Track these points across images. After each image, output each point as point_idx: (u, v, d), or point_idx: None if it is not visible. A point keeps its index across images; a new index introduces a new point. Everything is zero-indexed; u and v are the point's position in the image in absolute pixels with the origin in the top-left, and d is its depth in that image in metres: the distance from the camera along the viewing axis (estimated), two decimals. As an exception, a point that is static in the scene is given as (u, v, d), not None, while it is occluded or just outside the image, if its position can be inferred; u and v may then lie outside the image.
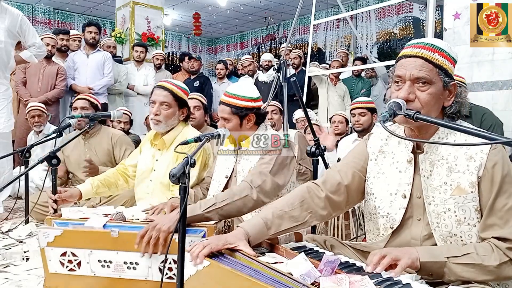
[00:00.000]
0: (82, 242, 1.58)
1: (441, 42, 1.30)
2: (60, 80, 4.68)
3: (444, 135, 1.30)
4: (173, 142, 2.27)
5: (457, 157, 1.26)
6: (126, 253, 1.54)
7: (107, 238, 1.55)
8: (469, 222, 1.23)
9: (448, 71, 1.27)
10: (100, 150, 3.16)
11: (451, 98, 1.30)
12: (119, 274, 1.56)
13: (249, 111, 1.97)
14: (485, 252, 1.18)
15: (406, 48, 1.32)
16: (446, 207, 1.25)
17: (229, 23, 11.71)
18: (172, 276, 1.50)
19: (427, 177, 1.30)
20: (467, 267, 1.17)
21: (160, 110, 2.23)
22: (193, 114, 3.18)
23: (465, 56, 3.65)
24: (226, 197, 1.70)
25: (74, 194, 2.11)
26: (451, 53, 1.29)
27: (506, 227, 1.18)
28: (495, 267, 1.16)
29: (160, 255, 1.52)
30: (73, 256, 1.59)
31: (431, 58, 1.26)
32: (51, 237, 1.58)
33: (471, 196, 1.23)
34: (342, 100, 5.52)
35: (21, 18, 3.26)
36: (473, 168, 1.23)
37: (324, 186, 1.42)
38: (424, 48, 1.27)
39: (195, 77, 5.87)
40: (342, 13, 5.93)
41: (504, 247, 1.18)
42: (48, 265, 1.62)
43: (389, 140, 1.42)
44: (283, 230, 1.35)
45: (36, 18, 10.18)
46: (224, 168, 2.07)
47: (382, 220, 1.38)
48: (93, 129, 3.18)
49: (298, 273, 1.09)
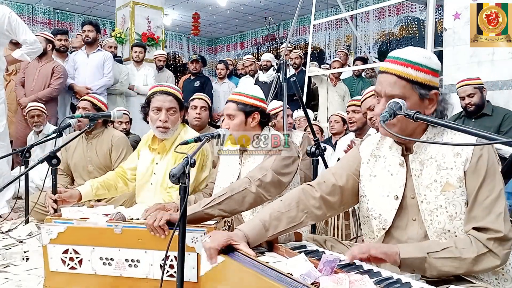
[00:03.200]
0: (85, 239, 1.59)
1: (417, 53, 1.30)
2: (55, 78, 4.54)
3: (432, 135, 1.32)
4: (173, 145, 2.26)
5: (445, 155, 1.28)
6: (129, 250, 1.56)
7: (110, 235, 1.56)
8: (460, 216, 1.25)
9: (424, 83, 1.28)
10: (101, 152, 3.16)
11: (432, 106, 1.31)
12: (120, 272, 1.57)
13: (254, 109, 1.98)
14: (464, 245, 1.19)
15: (385, 61, 1.34)
16: (437, 203, 1.27)
17: (229, 23, 11.71)
18: (173, 274, 1.50)
19: (418, 176, 1.32)
20: (446, 261, 1.19)
21: (168, 116, 2.19)
22: (199, 114, 3.19)
23: (465, 56, 3.66)
24: (225, 192, 1.71)
25: (74, 195, 2.11)
26: (428, 64, 1.28)
27: (488, 217, 1.20)
28: (473, 259, 1.18)
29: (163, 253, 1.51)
30: (75, 253, 1.60)
31: (403, 75, 1.27)
32: (54, 234, 1.59)
33: (459, 191, 1.25)
34: (343, 100, 5.52)
35: (9, 15, 3.15)
36: (460, 163, 1.25)
37: (319, 187, 1.45)
38: (397, 63, 1.29)
39: (196, 77, 5.87)
40: (342, 13, 5.93)
41: (484, 238, 1.19)
42: (49, 263, 1.63)
43: (381, 145, 1.45)
44: (280, 231, 1.37)
45: (36, 18, 10.18)
46: (229, 174, 2.06)
47: (375, 221, 1.40)
48: (97, 130, 3.19)
49: (298, 273, 1.09)
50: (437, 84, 1.32)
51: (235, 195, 1.71)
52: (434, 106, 1.31)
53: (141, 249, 1.55)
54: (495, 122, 3.16)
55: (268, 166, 1.82)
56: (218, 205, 1.66)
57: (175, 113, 2.23)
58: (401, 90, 1.28)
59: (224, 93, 5.95)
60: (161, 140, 2.29)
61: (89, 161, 3.17)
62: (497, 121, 3.12)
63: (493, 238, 1.19)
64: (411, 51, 1.31)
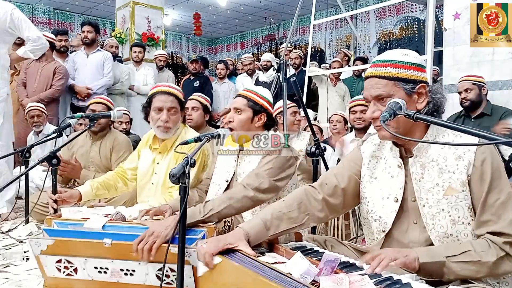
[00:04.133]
0: (76, 251, 1.54)
1: (393, 53, 1.33)
2: (56, 79, 4.54)
3: (433, 138, 1.32)
4: (174, 144, 2.26)
5: (446, 158, 1.27)
6: (122, 261, 1.51)
7: (100, 248, 1.50)
8: (463, 221, 1.24)
9: (407, 78, 1.28)
10: (103, 153, 3.17)
11: (423, 100, 1.31)
12: (117, 279, 1.54)
13: (262, 110, 2.00)
14: (482, 248, 1.18)
15: (368, 68, 1.37)
16: (440, 207, 1.26)
17: (229, 23, 11.71)
18: (170, 282, 1.48)
19: (419, 179, 1.31)
20: (466, 265, 1.17)
21: (169, 116, 2.20)
22: (190, 115, 3.17)
23: (465, 56, 3.65)
24: (223, 201, 1.71)
25: (74, 195, 2.11)
26: (406, 60, 1.30)
27: (500, 221, 1.19)
28: (493, 263, 1.17)
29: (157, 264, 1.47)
30: (69, 263, 1.56)
31: (382, 74, 1.30)
32: (44, 246, 1.54)
33: (462, 195, 1.24)
34: (342, 100, 5.52)
35: (11, 12, 3.07)
36: (462, 167, 1.24)
37: (322, 189, 1.44)
38: (376, 66, 1.32)
39: (195, 77, 5.87)
40: (342, 13, 5.93)
41: (500, 242, 1.18)
42: (45, 270, 1.59)
43: (382, 146, 1.44)
44: (281, 231, 1.37)
45: (36, 18, 10.18)
46: (224, 172, 2.06)
47: (375, 224, 1.40)
48: (102, 132, 3.21)
49: (298, 272, 1.09)
50: (424, 78, 1.31)
51: (234, 204, 1.72)
52: (425, 99, 1.31)
53: (135, 261, 1.49)
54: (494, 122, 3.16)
55: (265, 174, 1.82)
56: (217, 213, 1.67)
57: (176, 113, 2.23)
58: (384, 89, 1.29)
59: (224, 93, 5.95)
60: (162, 139, 2.29)
61: (91, 161, 3.18)
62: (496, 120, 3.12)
63: (508, 242, 1.18)
64: (388, 52, 1.35)
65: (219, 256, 1.21)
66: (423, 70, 1.33)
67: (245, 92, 2.04)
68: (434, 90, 1.32)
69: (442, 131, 1.31)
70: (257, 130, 2.01)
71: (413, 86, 1.29)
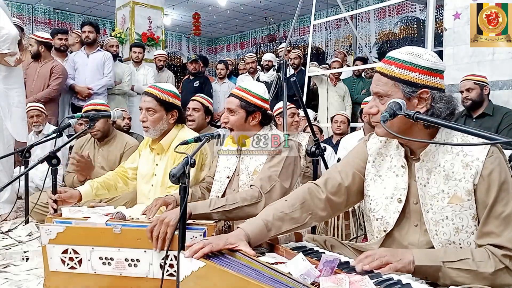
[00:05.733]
0: (84, 239, 1.59)
1: (405, 51, 1.28)
2: (53, 79, 4.50)
3: (441, 141, 1.29)
4: (171, 146, 2.26)
5: (453, 165, 1.24)
6: (128, 250, 1.55)
7: (109, 235, 1.56)
8: (467, 230, 1.23)
9: (409, 80, 1.25)
10: (112, 158, 3.14)
11: (423, 106, 1.25)
12: (120, 272, 1.57)
13: (256, 109, 1.98)
14: (481, 258, 1.16)
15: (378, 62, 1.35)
16: (444, 215, 1.25)
17: (229, 23, 11.71)
18: (173, 273, 1.50)
19: (424, 184, 1.29)
20: (462, 272, 1.16)
21: (146, 116, 2.23)
22: (191, 115, 3.17)
23: (465, 56, 3.65)
24: (236, 201, 1.73)
25: (74, 195, 2.11)
26: (415, 62, 1.24)
27: (503, 235, 1.17)
28: (491, 274, 1.15)
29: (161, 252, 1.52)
30: (75, 253, 1.60)
31: (385, 71, 1.28)
32: (53, 234, 1.59)
33: (467, 204, 1.22)
34: (342, 100, 5.52)
35: None
36: (469, 176, 1.21)
37: (325, 187, 1.43)
38: (384, 62, 1.31)
39: (195, 77, 5.87)
40: (342, 13, 5.93)
41: (499, 254, 1.16)
42: (49, 263, 1.63)
43: (389, 143, 1.42)
44: (283, 231, 1.36)
45: (36, 18, 10.19)
46: (225, 168, 2.07)
47: (376, 223, 1.39)
48: (107, 138, 3.20)
49: (298, 273, 1.09)
50: (432, 84, 1.25)
51: (245, 207, 1.74)
52: (425, 106, 1.25)
53: (141, 249, 1.54)
54: (496, 122, 3.16)
55: (276, 176, 1.84)
56: (227, 212, 1.68)
57: (154, 113, 2.22)
58: (384, 87, 1.28)
59: (224, 93, 5.95)
60: (158, 141, 2.30)
61: (99, 167, 3.14)
62: (497, 120, 3.13)
63: (508, 256, 1.16)
64: (401, 50, 1.30)
65: (203, 260, 1.15)
66: (435, 75, 1.26)
67: (237, 91, 2.01)
68: (436, 98, 1.25)
69: (451, 136, 1.28)
70: (253, 128, 2.00)
71: (414, 90, 1.24)
